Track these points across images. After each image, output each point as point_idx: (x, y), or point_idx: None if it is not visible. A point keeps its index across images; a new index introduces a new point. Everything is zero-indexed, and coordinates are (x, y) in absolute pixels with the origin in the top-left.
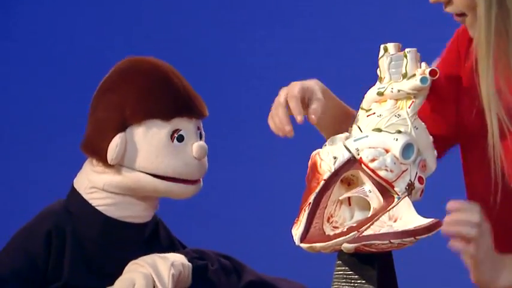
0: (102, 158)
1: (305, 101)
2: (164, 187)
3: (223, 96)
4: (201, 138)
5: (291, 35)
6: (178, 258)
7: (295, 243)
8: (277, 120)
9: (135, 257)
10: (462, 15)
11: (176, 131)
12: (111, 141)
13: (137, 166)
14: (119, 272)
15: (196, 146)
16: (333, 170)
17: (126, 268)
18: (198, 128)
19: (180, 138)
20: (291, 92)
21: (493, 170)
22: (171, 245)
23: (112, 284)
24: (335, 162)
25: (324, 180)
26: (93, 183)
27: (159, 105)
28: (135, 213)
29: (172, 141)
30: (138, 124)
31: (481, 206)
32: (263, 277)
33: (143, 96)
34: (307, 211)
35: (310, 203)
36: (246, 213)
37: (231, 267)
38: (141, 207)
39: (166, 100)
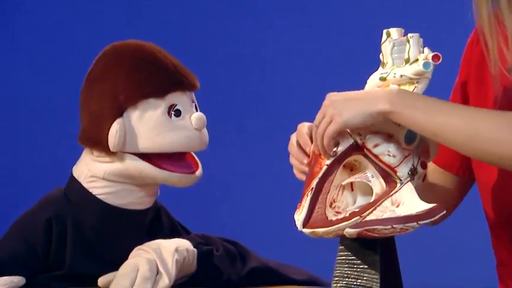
0: (103, 148)
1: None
2: (165, 176)
3: (222, 85)
4: (196, 109)
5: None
6: (183, 243)
7: (297, 228)
8: (295, 162)
9: (137, 243)
10: None
11: (172, 106)
12: (109, 129)
13: (139, 148)
14: (120, 259)
15: (195, 117)
16: (335, 155)
17: (132, 253)
18: (193, 101)
19: (177, 113)
20: (299, 132)
21: None
22: (173, 231)
23: (115, 271)
24: (338, 147)
25: (327, 165)
26: (93, 172)
27: (151, 84)
28: (136, 199)
29: (170, 117)
30: (134, 107)
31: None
32: (268, 263)
33: (133, 79)
34: (309, 196)
35: (312, 188)
36: (249, 198)
37: (236, 252)
38: (142, 194)
39: (157, 78)
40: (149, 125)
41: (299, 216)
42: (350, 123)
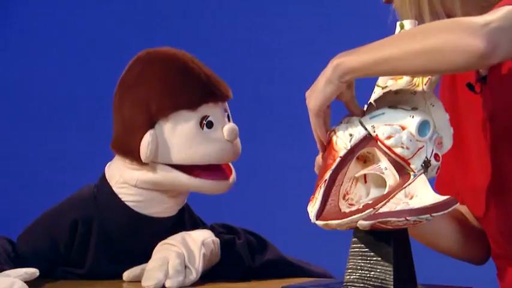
0: (135, 157)
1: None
2: (197, 184)
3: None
4: (229, 120)
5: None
6: (207, 235)
7: (310, 220)
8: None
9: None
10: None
11: (204, 117)
12: (141, 139)
13: (172, 160)
14: (141, 260)
15: (227, 129)
16: (348, 147)
17: (157, 248)
18: (225, 110)
19: (210, 125)
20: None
21: None
22: (194, 226)
23: None
24: (351, 139)
25: (340, 157)
26: (125, 178)
27: (184, 96)
28: (164, 209)
29: (202, 129)
30: (166, 119)
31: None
32: (285, 257)
33: (167, 90)
34: (322, 188)
35: (325, 180)
36: (262, 190)
37: (256, 243)
38: (170, 204)
39: (190, 90)
40: (181, 137)
41: (312, 208)
42: (318, 105)
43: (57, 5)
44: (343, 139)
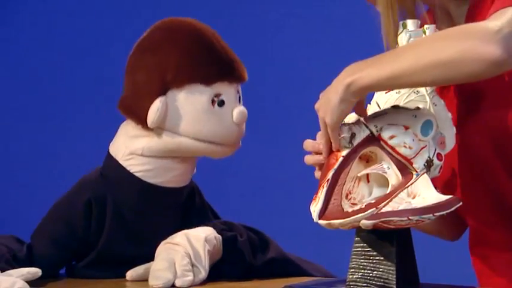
0: (141, 121)
1: None
2: (205, 148)
3: None
4: (239, 102)
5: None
6: (209, 232)
7: (313, 219)
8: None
9: (172, 220)
10: None
11: (217, 95)
12: (151, 104)
13: (178, 130)
14: (155, 236)
15: (236, 112)
16: (351, 147)
17: (160, 248)
18: (238, 92)
19: (221, 103)
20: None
21: None
22: (202, 212)
23: (148, 250)
24: (354, 139)
25: (343, 156)
26: (131, 149)
27: (202, 70)
28: (174, 177)
29: (213, 106)
30: (180, 88)
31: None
32: (287, 256)
33: (185, 61)
34: (325, 188)
35: (328, 179)
36: (265, 189)
37: (257, 241)
38: (179, 172)
39: (208, 65)
40: (191, 110)
41: (315, 208)
42: (335, 122)
43: (57, 4)
44: (346, 139)
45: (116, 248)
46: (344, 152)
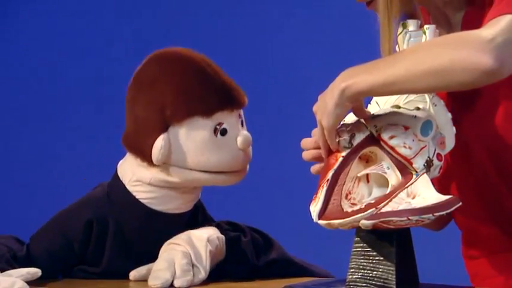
0: (146, 158)
1: None
2: (212, 179)
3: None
4: (242, 125)
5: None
6: (212, 232)
7: (313, 220)
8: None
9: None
10: (370, 2)
11: (219, 124)
12: (153, 141)
13: (185, 164)
14: (157, 256)
15: (241, 138)
16: (351, 147)
17: (163, 248)
18: (240, 116)
19: (224, 132)
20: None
21: None
22: (204, 224)
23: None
24: (353, 139)
25: (342, 157)
26: (139, 177)
27: (199, 102)
28: (178, 205)
29: (216, 136)
30: (180, 124)
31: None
32: (290, 257)
33: (182, 96)
34: (325, 188)
35: (328, 179)
36: (266, 189)
37: (261, 242)
38: (184, 200)
39: (205, 96)
40: (195, 144)
41: (315, 208)
42: (332, 125)
43: (57, 5)
44: (346, 139)
45: (117, 267)
46: (344, 152)
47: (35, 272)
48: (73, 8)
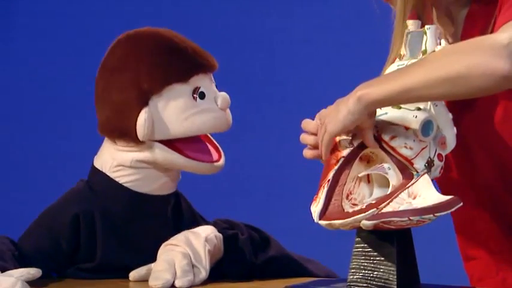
0: (131, 138)
1: None
2: (192, 165)
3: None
4: (216, 88)
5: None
6: (209, 231)
7: (314, 220)
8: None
9: (162, 229)
10: None
11: (196, 89)
12: (136, 119)
13: (169, 134)
14: (149, 245)
15: (220, 98)
16: (352, 148)
17: (161, 249)
18: (212, 80)
19: (202, 95)
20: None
21: None
22: (192, 217)
23: (145, 259)
24: (354, 139)
25: (343, 157)
26: (119, 161)
27: (174, 69)
28: (161, 185)
29: (195, 100)
30: (159, 94)
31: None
32: (288, 254)
33: (155, 66)
34: (326, 188)
35: (329, 180)
36: (266, 189)
37: (259, 239)
38: (166, 179)
39: (179, 63)
40: (176, 110)
41: (315, 208)
42: (335, 131)
43: (57, 5)
44: (347, 139)
45: (113, 257)
46: (345, 153)
47: (35, 272)
48: (73, 8)
